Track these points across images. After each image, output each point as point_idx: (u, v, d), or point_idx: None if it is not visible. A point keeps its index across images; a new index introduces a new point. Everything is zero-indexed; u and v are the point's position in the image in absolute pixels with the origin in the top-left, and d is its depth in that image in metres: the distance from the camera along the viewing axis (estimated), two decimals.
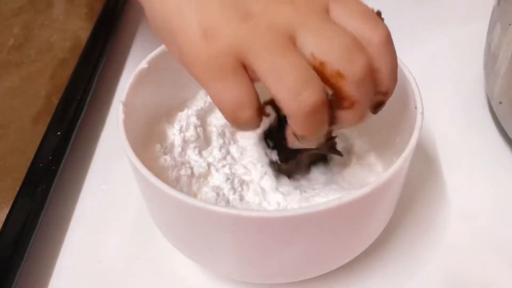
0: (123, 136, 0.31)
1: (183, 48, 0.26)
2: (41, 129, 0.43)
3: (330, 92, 0.25)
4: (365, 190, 0.27)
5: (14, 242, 0.35)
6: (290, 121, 0.25)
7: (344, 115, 0.26)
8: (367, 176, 0.37)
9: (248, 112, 0.25)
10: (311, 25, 0.24)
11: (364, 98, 0.25)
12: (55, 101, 0.46)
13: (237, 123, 0.26)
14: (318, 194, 0.36)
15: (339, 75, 0.23)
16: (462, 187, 0.41)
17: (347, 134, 0.40)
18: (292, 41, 0.24)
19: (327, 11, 0.25)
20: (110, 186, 0.41)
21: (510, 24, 0.38)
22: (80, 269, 0.37)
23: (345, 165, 0.38)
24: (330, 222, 0.29)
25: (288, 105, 0.24)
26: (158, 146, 0.35)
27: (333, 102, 0.25)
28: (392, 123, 0.37)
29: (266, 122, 0.38)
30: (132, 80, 0.34)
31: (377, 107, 0.28)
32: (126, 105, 0.32)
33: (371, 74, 0.25)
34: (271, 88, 0.24)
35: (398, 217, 0.39)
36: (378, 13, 0.26)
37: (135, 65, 0.35)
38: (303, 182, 0.37)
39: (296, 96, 0.23)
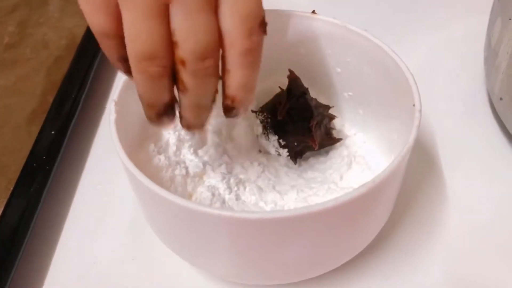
0: (114, 136, 0.30)
1: None
2: (36, 128, 0.43)
3: None
4: (361, 190, 0.27)
5: (8, 242, 0.35)
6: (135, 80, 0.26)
7: (181, 98, 0.27)
8: (365, 174, 0.36)
9: (107, 39, 0.25)
10: (187, 5, 0.24)
11: (197, 90, 0.26)
12: (51, 99, 0.45)
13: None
14: (316, 193, 0.35)
15: (182, 62, 0.25)
16: (462, 185, 0.40)
17: (345, 132, 0.40)
18: (163, 3, 0.24)
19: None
20: (105, 186, 0.41)
21: (510, 19, 0.37)
22: (74, 270, 0.36)
23: (343, 163, 0.37)
24: (326, 223, 0.28)
25: (132, 62, 0.25)
26: (152, 146, 0.35)
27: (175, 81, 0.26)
28: (390, 121, 0.36)
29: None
30: (124, 79, 0.33)
31: (225, 111, 0.28)
32: (118, 104, 0.32)
33: (212, 75, 0.26)
34: (126, 31, 0.24)
35: (398, 216, 0.38)
36: (262, 22, 0.26)
37: None
38: (300, 181, 0.36)
39: (141, 59, 0.24)
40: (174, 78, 0.26)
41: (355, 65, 0.38)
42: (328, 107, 0.38)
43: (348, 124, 0.40)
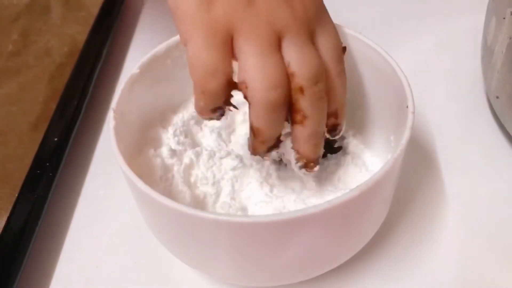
0: (113, 142, 0.31)
1: (180, 2, 0.27)
2: (40, 135, 0.43)
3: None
4: (355, 192, 0.27)
5: (13, 248, 0.36)
6: (251, 110, 0.28)
7: (296, 130, 0.29)
8: (363, 176, 0.37)
9: (219, 80, 0.27)
10: (297, 39, 0.28)
11: (315, 116, 0.29)
12: (53, 106, 0.46)
13: (204, 90, 0.27)
14: (314, 195, 0.36)
15: (301, 90, 0.28)
16: (461, 183, 0.40)
17: (343, 134, 0.40)
18: (279, 41, 0.28)
19: (313, 30, 0.29)
20: (108, 191, 0.42)
21: (504, 18, 0.37)
22: (79, 275, 0.37)
23: (340, 165, 0.38)
24: (322, 225, 0.28)
25: (256, 94, 0.27)
26: (152, 151, 0.36)
27: (290, 116, 0.29)
28: (387, 122, 0.37)
29: None
30: (123, 86, 0.34)
31: (331, 130, 0.32)
32: (117, 111, 0.33)
33: (324, 98, 0.29)
34: (247, 73, 0.27)
35: (396, 215, 0.38)
36: (344, 48, 0.32)
37: (133, 68, 0.35)
38: (298, 183, 0.37)
39: (267, 90, 0.27)
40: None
41: (351, 67, 0.38)
42: None
43: (346, 126, 0.40)
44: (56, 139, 0.42)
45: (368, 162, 0.38)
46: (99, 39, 0.52)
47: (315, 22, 0.29)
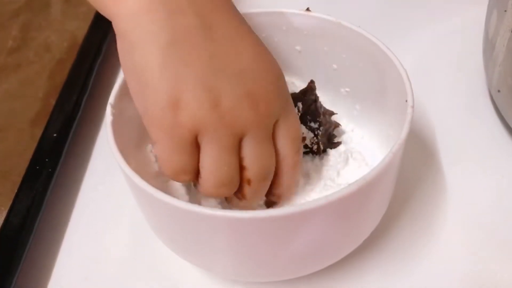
0: (111, 138, 0.31)
1: (149, 106, 0.29)
2: (40, 131, 0.43)
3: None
4: (354, 186, 0.27)
5: (12, 244, 0.36)
6: (201, 191, 0.31)
7: (235, 199, 0.32)
8: (363, 170, 0.37)
9: (186, 177, 0.30)
10: (256, 136, 0.30)
11: (254, 199, 0.32)
12: (53, 102, 0.46)
13: (173, 179, 0.30)
14: (313, 189, 0.36)
15: (248, 182, 0.30)
16: (462, 178, 0.40)
17: (343, 128, 0.40)
18: (239, 140, 0.29)
19: (275, 122, 0.31)
20: (108, 187, 0.42)
21: (505, 11, 0.37)
22: (78, 271, 0.37)
23: (339, 160, 0.37)
24: (321, 219, 0.28)
25: (207, 189, 0.30)
26: (149, 146, 0.35)
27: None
28: (386, 116, 0.36)
29: None
30: (121, 81, 0.34)
31: (267, 203, 0.35)
32: (115, 106, 0.32)
33: (267, 188, 0.32)
34: (203, 171, 0.29)
35: (396, 210, 0.38)
36: (303, 138, 0.35)
37: None
38: (298, 179, 0.37)
39: (216, 187, 0.30)
40: None
41: (351, 61, 0.38)
42: (332, 113, 0.39)
43: (345, 120, 0.40)
44: (55, 134, 0.42)
45: (367, 156, 0.38)
46: (99, 35, 0.52)
47: (277, 115, 0.31)
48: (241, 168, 0.30)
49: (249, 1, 0.45)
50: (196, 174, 0.30)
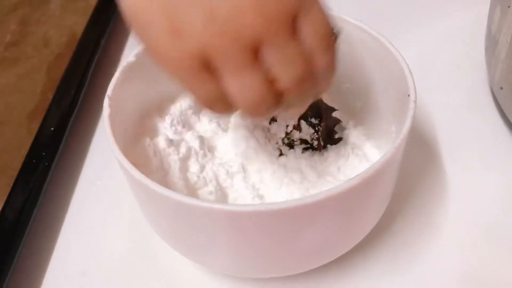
0: (108, 131, 0.30)
1: (151, 42, 0.26)
2: (37, 126, 0.43)
3: None
4: (354, 181, 0.27)
5: (7, 238, 0.35)
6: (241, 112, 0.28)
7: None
8: (363, 166, 0.36)
9: (220, 107, 0.27)
10: (275, 41, 0.26)
11: (302, 104, 0.30)
12: (51, 96, 0.45)
13: (211, 111, 0.28)
14: (313, 186, 0.35)
15: (288, 90, 0.27)
16: (463, 175, 0.40)
17: (343, 124, 0.39)
18: (255, 51, 0.26)
19: (294, 20, 0.26)
20: (105, 182, 0.41)
21: (509, 7, 0.37)
22: (74, 266, 0.37)
23: (340, 155, 0.37)
24: (321, 215, 0.28)
25: (246, 113, 0.27)
26: (148, 140, 0.35)
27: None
28: (388, 112, 0.36)
29: None
30: (118, 74, 0.33)
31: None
32: (112, 99, 0.32)
33: (311, 89, 0.28)
34: (233, 97, 0.26)
35: (397, 207, 0.38)
36: (335, 36, 0.29)
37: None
38: (298, 173, 0.36)
39: (250, 109, 0.27)
40: None
41: (352, 57, 0.37)
42: (333, 109, 0.38)
43: (346, 116, 0.39)
44: (52, 128, 0.42)
45: (368, 152, 0.37)
46: (97, 29, 0.51)
47: (294, 10, 0.26)
48: (271, 80, 0.26)
49: None
50: (225, 98, 0.27)
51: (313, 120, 0.36)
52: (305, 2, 0.26)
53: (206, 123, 0.38)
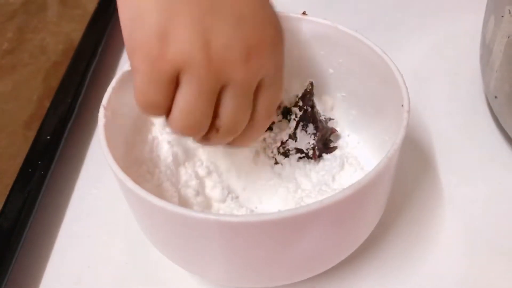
0: (103, 140, 0.30)
1: (136, 32, 0.27)
2: (33, 134, 0.43)
3: None
4: (348, 191, 0.27)
5: (3, 246, 0.35)
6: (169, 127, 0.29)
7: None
8: (358, 175, 0.36)
9: (158, 113, 0.29)
10: (237, 90, 0.28)
11: (217, 145, 0.31)
12: (47, 104, 0.45)
13: (143, 111, 0.29)
14: (308, 195, 0.35)
15: (217, 130, 0.29)
16: (458, 184, 0.40)
17: (338, 133, 0.40)
18: (220, 86, 0.28)
19: (260, 84, 0.29)
20: (101, 191, 0.41)
21: (502, 16, 0.37)
22: (69, 274, 0.37)
23: (335, 165, 0.37)
24: (315, 224, 0.28)
25: (176, 128, 0.29)
26: (143, 149, 0.35)
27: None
28: (382, 121, 0.36)
29: None
30: (114, 83, 0.33)
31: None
32: (107, 108, 0.32)
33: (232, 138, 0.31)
34: (177, 109, 0.28)
35: (392, 216, 0.38)
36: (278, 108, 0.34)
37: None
38: (293, 182, 0.36)
39: (186, 128, 0.29)
40: None
41: (348, 66, 0.37)
42: (329, 119, 0.39)
43: (341, 125, 0.40)
44: (48, 137, 0.42)
45: (363, 162, 0.37)
46: (94, 37, 0.51)
47: (266, 74, 0.29)
48: (214, 114, 0.29)
49: None
50: (168, 110, 0.28)
51: (309, 129, 0.37)
52: (276, 70, 0.30)
53: None
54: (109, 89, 0.33)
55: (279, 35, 0.30)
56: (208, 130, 0.29)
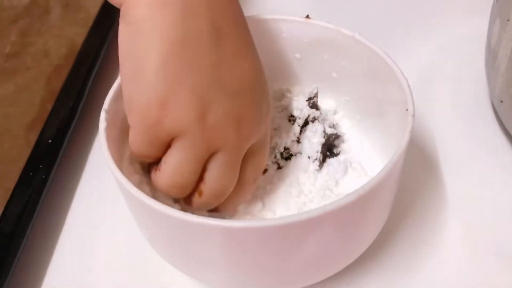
0: (104, 144, 0.30)
1: (136, 95, 0.28)
2: (35, 137, 0.43)
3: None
4: (352, 197, 0.26)
5: (3, 250, 0.35)
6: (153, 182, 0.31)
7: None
8: (362, 180, 0.36)
9: (147, 161, 0.31)
10: (226, 158, 0.29)
11: (199, 209, 0.32)
12: (50, 108, 0.45)
13: (135, 157, 0.31)
14: (311, 200, 0.35)
15: (200, 193, 0.30)
16: (463, 189, 0.39)
17: (342, 138, 0.39)
18: (211, 153, 0.29)
19: (248, 151, 0.31)
20: (102, 195, 0.41)
21: (508, 20, 0.36)
22: (70, 279, 0.36)
23: (338, 170, 0.37)
24: (318, 230, 0.28)
25: (160, 184, 0.30)
26: None
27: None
28: (387, 125, 0.36)
29: None
30: (116, 87, 0.33)
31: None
32: (109, 112, 0.32)
33: (215, 205, 0.32)
34: (166, 168, 0.29)
35: (397, 221, 0.38)
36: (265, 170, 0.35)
37: None
38: (295, 187, 0.36)
39: (171, 187, 0.30)
40: None
41: (351, 70, 0.37)
42: (332, 124, 0.38)
43: (345, 129, 0.39)
44: (50, 140, 0.42)
45: (367, 166, 0.37)
46: (97, 41, 0.51)
47: (253, 144, 0.31)
48: (200, 177, 0.30)
49: (249, 7, 0.45)
50: (158, 163, 0.30)
51: (312, 134, 0.36)
52: (263, 137, 0.31)
53: None
54: (111, 93, 0.33)
55: (269, 107, 0.31)
56: (192, 193, 0.30)
